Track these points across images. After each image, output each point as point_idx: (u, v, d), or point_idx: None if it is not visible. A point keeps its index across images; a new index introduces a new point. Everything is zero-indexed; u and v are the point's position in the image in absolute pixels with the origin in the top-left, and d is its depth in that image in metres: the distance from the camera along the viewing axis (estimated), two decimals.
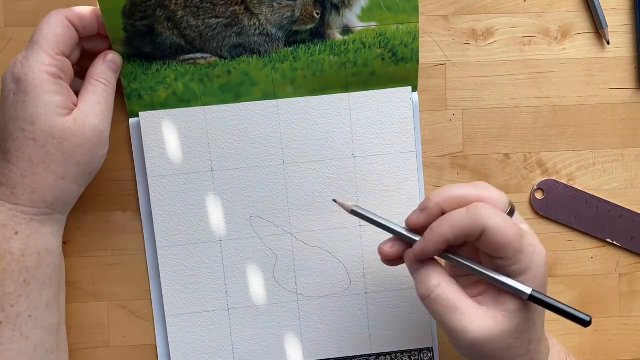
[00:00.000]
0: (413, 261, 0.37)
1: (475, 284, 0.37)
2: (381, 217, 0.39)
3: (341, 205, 0.40)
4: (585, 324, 0.34)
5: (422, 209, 0.37)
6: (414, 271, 0.37)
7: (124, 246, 0.46)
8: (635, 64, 0.47)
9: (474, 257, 0.38)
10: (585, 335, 0.48)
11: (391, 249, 0.38)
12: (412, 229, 0.38)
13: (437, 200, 0.36)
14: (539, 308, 0.36)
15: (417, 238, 0.37)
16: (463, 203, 0.36)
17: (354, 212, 0.40)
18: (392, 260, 0.39)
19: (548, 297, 0.35)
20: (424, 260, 0.37)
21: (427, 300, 0.36)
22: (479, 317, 0.35)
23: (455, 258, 0.37)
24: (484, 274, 0.36)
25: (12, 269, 0.39)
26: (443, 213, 0.36)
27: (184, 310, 0.46)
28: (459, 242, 0.35)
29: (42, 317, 0.40)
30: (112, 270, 0.46)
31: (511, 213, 0.37)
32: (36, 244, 0.40)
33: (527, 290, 0.35)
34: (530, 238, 0.36)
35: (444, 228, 0.35)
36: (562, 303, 0.35)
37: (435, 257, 0.37)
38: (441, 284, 0.35)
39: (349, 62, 0.45)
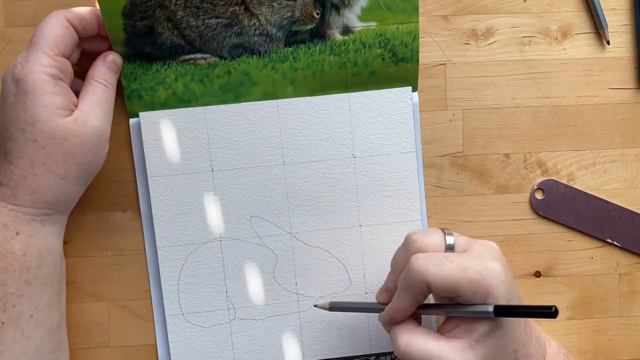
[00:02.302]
0: (385, 326, 0.39)
1: (450, 319, 0.38)
2: (357, 303, 0.43)
3: (321, 307, 0.44)
4: (552, 314, 0.33)
5: (384, 289, 0.40)
6: (390, 334, 0.39)
7: (124, 246, 0.46)
8: (635, 64, 0.47)
9: None
10: (585, 335, 0.48)
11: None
12: (383, 303, 0.40)
13: (391, 281, 0.40)
14: (513, 320, 0.36)
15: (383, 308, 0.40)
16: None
17: (332, 308, 0.43)
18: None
19: (511, 306, 0.35)
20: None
21: (403, 357, 0.37)
22: (455, 353, 0.36)
23: (420, 309, 0.38)
24: (446, 312, 0.37)
25: (14, 268, 0.39)
26: None
27: (184, 310, 0.46)
28: (421, 300, 0.37)
29: (43, 317, 0.40)
30: (112, 270, 0.46)
31: (450, 247, 0.37)
32: (37, 244, 0.40)
33: (490, 309, 0.35)
34: (478, 262, 0.35)
35: (400, 297, 0.37)
36: (524, 306, 0.35)
37: None
38: (409, 340, 0.37)
39: (349, 62, 0.45)
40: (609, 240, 0.48)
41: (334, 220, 0.46)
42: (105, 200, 0.46)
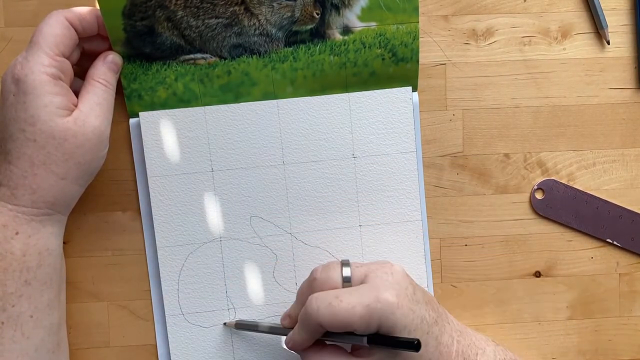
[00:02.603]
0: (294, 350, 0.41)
1: (354, 346, 0.40)
2: (264, 324, 0.44)
3: (229, 325, 0.45)
4: (414, 347, 0.35)
5: (288, 314, 0.42)
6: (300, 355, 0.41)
7: (124, 246, 0.46)
8: (635, 64, 0.47)
9: None
10: (585, 335, 0.48)
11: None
12: (287, 327, 0.42)
13: (294, 310, 0.42)
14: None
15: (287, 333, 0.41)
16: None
17: (239, 326, 0.45)
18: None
19: (381, 337, 0.36)
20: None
21: None
22: None
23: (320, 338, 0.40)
24: (328, 339, 0.39)
25: (13, 269, 0.39)
26: None
27: (184, 310, 0.46)
28: (318, 335, 0.39)
29: (43, 317, 0.40)
30: (112, 270, 0.46)
31: (347, 279, 0.38)
32: (37, 244, 0.40)
33: (364, 340, 0.37)
34: (369, 295, 0.36)
35: (298, 334, 0.39)
36: (391, 337, 0.36)
37: None
38: None
39: (349, 62, 0.45)
40: (609, 240, 0.48)
41: (334, 220, 0.46)
42: (105, 200, 0.46)
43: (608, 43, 0.47)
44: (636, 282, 0.48)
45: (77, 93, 0.41)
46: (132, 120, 0.45)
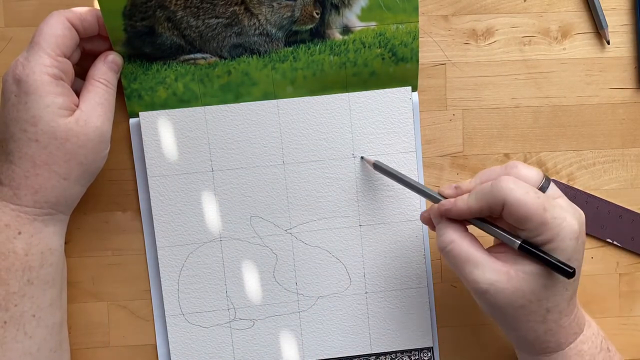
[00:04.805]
0: (436, 215, 0.40)
1: (500, 244, 0.39)
2: (408, 178, 0.43)
3: (367, 160, 0.45)
4: (569, 274, 0.35)
5: (455, 186, 0.41)
6: (436, 224, 0.40)
7: (124, 246, 0.46)
8: (635, 64, 0.47)
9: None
10: None
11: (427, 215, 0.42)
12: (444, 197, 0.41)
13: (468, 185, 0.40)
14: (561, 281, 0.37)
15: (441, 199, 0.40)
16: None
17: (376, 167, 0.44)
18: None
19: (536, 248, 0.36)
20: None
21: (443, 252, 0.39)
22: (491, 270, 0.37)
23: (475, 221, 0.39)
24: (481, 226, 0.39)
25: (16, 268, 0.39)
26: None
27: (184, 310, 0.46)
28: (485, 213, 0.38)
29: (45, 317, 0.40)
30: (112, 270, 0.46)
31: (544, 188, 0.38)
32: (39, 243, 0.40)
33: (518, 240, 0.37)
34: (560, 211, 0.36)
35: (470, 199, 0.38)
36: (548, 255, 0.36)
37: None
38: (455, 240, 0.38)
39: (349, 62, 0.45)
40: (609, 240, 0.48)
41: (334, 220, 0.46)
42: (105, 200, 0.46)
43: (608, 43, 0.47)
44: (636, 282, 0.48)
45: (78, 93, 0.41)
46: (132, 120, 0.45)
